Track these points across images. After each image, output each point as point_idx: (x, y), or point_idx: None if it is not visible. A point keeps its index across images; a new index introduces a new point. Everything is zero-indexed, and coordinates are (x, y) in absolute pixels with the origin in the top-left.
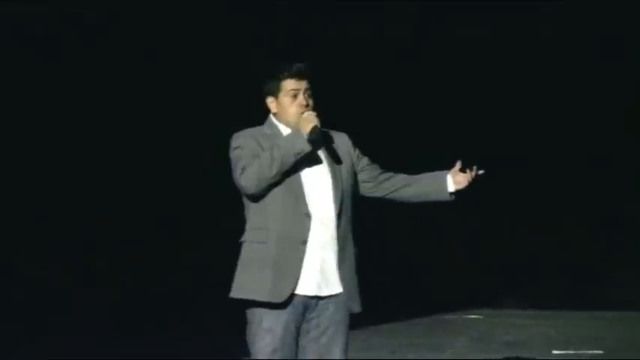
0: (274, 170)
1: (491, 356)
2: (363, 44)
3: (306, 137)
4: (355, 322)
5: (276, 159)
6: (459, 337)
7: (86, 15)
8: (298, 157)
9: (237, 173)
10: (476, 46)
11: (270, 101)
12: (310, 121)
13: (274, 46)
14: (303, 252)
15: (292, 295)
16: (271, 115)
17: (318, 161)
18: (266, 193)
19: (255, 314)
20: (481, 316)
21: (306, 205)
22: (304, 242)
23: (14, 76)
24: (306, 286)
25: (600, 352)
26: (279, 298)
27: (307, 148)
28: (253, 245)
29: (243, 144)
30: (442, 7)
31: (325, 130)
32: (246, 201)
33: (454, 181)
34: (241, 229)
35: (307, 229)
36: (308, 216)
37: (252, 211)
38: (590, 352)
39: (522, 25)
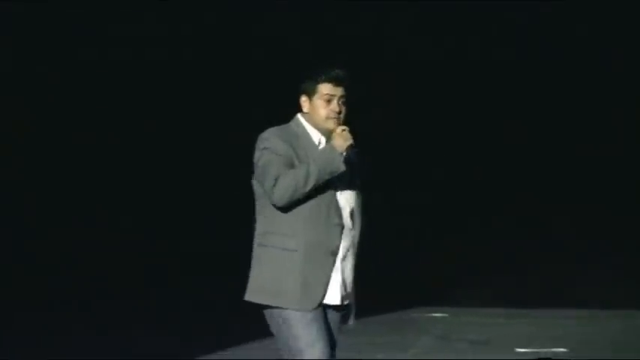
0: (309, 186)
1: (455, 355)
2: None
3: (342, 156)
4: None
5: (312, 176)
6: (423, 336)
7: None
8: (333, 175)
9: (269, 183)
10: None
11: (304, 100)
12: (346, 139)
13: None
14: (332, 262)
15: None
16: (300, 114)
17: (346, 174)
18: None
19: (292, 314)
20: (445, 315)
21: (338, 215)
22: (334, 253)
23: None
24: (331, 296)
25: (564, 350)
26: (309, 308)
27: (342, 168)
28: (282, 252)
29: (274, 147)
30: (442, 7)
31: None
32: (266, 205)
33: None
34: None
35: (338, 239)
36: (339, 226)
37: (277, 216)
38: (554, 349)
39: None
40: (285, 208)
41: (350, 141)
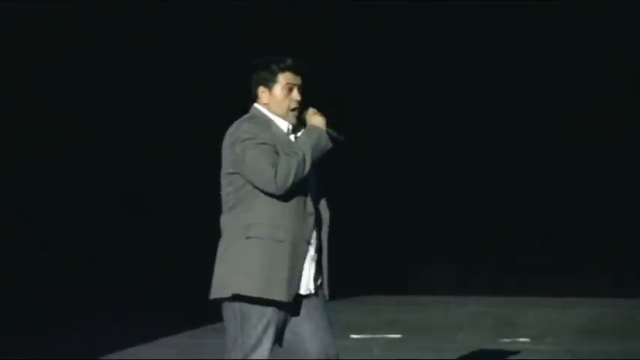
0: (307, 168)
1: None
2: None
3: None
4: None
5: (308, 157)
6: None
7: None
8: (323, 153)
9: (266, 172)
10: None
11: (262, 91)
12: (321, 116)
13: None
14: (307, 252)
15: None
16: (257, 105)
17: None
18: None
19: (253, 310)
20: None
21: (311, 204)
22: (309, 242)
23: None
24: (303, 285)
25: (399, 335)
26: (290, 299)
27: (330, 144)
28: (271, 243)
29: (258, 137)
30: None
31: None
32: (248, 197)
33: None
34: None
35: (312, 228)
36: (312, 215)
37: (262, 207)
38: (388, 335)
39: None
40: (274, 198)
41: (324, 119)
